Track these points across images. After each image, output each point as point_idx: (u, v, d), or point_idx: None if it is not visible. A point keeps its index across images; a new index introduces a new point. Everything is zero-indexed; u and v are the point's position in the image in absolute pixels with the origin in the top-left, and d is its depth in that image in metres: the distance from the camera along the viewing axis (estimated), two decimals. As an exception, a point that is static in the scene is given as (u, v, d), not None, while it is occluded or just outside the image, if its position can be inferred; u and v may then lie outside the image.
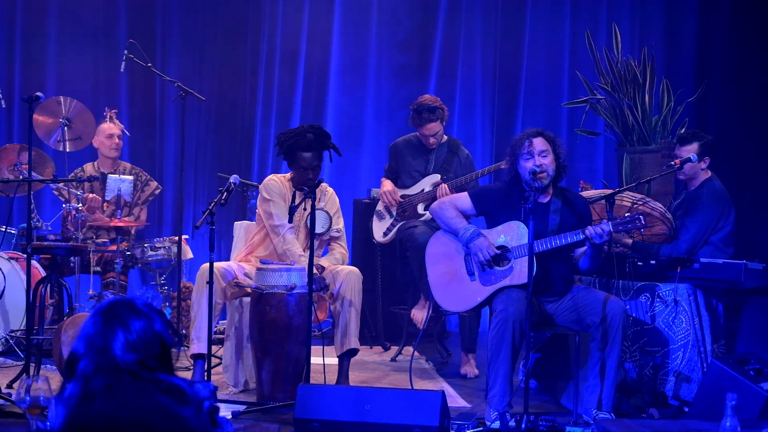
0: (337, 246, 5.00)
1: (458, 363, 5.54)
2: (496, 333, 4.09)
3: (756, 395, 3.91)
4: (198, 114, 7.36)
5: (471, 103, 7.67)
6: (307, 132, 4.78)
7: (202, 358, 4.68)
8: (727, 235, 4.92)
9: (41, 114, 5.40)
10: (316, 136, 4.77)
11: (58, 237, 5.38)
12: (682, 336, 4.53)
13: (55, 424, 2.18)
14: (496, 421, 4.02)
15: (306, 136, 4.75)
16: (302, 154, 4.74)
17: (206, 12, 7.49)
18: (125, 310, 2.29)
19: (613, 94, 6.27)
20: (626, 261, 4.70)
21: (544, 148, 4.27)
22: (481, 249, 4.27)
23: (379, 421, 3.78)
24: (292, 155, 4.78)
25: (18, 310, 5.54)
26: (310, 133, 4.77)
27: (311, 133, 4.77)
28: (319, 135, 4.79)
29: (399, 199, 5.71)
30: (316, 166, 4.78)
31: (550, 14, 7.63)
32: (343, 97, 7.61)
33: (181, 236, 5.70)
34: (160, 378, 2.24)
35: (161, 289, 6.02)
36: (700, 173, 4.99)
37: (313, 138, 4.76)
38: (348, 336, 4.74)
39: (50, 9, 7.33)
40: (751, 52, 6.60)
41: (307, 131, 4.78)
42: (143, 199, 6.10)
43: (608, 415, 4.15)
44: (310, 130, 4.80)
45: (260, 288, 4.52)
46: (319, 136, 4.79)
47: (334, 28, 7.56)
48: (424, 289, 5.12)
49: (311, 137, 4.75)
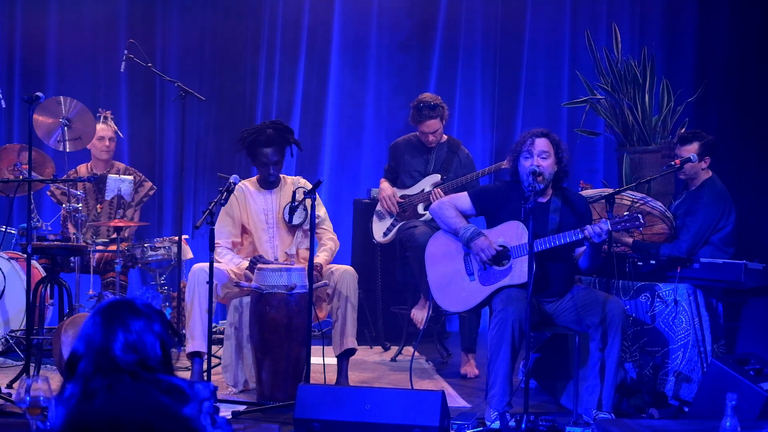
0: (324, 232, 5.01)
1: (458, 363, 5.54)
2: (495, 333, 4.10)
3: (756, 395, 3.92)
4: (198, 114, 7.36)
5: (471, 103, 7.66)
6: (268, 128, 4.84)
7: (199, 356, 4.69)
8: (727, 235, 4.92)
9: (41, 114, 5.40)
10: (276, 131, 4.83)
11: (58, 237, 5.38)
12: (682, 336, 4.53)
13: (55, 424, 2.18)
14: (496, 421, 4.03)
15: (266, 132, 4.81)
16: (262, 150, 4.81)
17: (206, 12, 7.48)
18: (125, 311, 2.29)
19: (613, 94, 6.27)
20: (626, 261, 4.70)
21: (546, 149, 4.26)
22: (482, 248, 4.27)
23: (379, 421, 3.78)
24: (253, 151, 4.85)
25: (18, 310, 5.54)
26: (271, 128, 4.84)
27: (271, 128, 4.84)
28: (280, 130, 4.85)
29: (399, 200, 5.71)
30: (277, 161, 4.86)
31: (550, 14, 7.62)
32: (343, 97, 7.60)
33: (181, 236, 5.70)
34: (160, 378, 2.24)
35: (161, 289, 6.01)
36: (700, 173, 4.99)
37: (273, 133, 4.81)
38: (345, 336, 4.75)
39: (50, 9, 7.32)
40: (751, 52, 6.59)
41: (267, 127, 4.86)
42: (137, 200, 6.09)
43: (608, 415, 4.15)
44: (271, 125, 4.88)
45: (260, 288, 4.52)
46: (280, 131, 4.85)
47: (334, 29, 7.55)
48: (424, 289, 5.12)
49: (271, 132, 4.81)
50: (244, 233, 4.96)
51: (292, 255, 4.86)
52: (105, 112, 6.11)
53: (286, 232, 4.92)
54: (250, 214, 4.93)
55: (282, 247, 4.91)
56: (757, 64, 6.54)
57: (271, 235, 4.93)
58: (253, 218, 4.93)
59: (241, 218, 4.92)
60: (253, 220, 4.93)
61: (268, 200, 4.95)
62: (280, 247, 4.91)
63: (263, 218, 4.93)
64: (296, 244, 4.92)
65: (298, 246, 4.93)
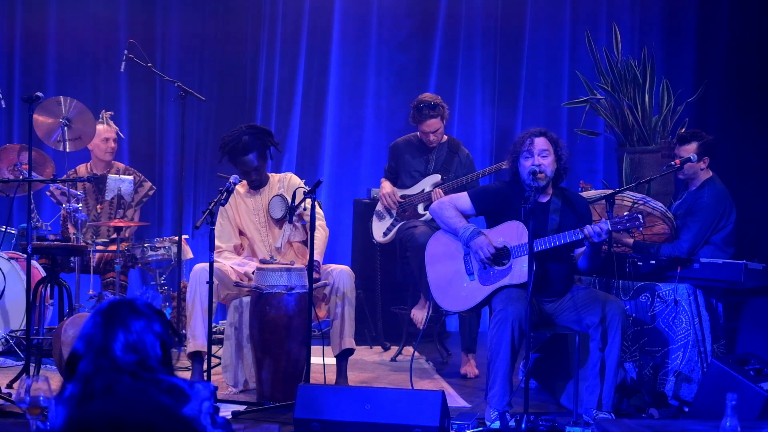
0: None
1: (458, 363, 5.54)
2: (495, 333, 4.10)
3: (756, 395, 3.92)
4: (198, 114, 7.36)
5: (471, 103, 7.66)
6: (244, 134, 4.86)
7: (200, 357, 4.69)
8: (728, 234, 4.93)
9: (41, 114, 5.39)
10: (253, 136, 4.87)
11: (58, 237, 5.38)
12: (682, 336, 4.53)
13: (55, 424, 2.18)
14: (496, 421, 4.03)
15: (242, 139, 4.84)
16: (242, 158, 4.88)
17: (206, 12, 7.48)
18: (125, 311, 2.29)
19: (613, 94, 6.27)
20: (626, 261, 4.70)
21: (545, 148, 4.27)
22: (481, 247, 4.28)
23: (379, 421, 3.79)
24: (233, 159, 4.90)
25: (18, 310, 5.54)
26: (247, 134, 4.87)
27: (248, 134, 4.87)
28: (257, 135, 4.89)
29: (399, 200, 5.71)
30: (258, 166, 4.91)
31: (550, 14, 7.62)
32: (343, 97, 7.60)
33: (181, 236, 5.70)
34: (160, 378, 2.23)
35: (161, 289, 6.01)
36: (700, 173, 4.99)
37: (249, 139, 4.85)
38: (343, 336, 4.76)
39: (50, 9, 7.32)
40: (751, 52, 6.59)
41: (244, 133, 4.88)
42: (137, 201, 6.09)
43: (608, 415, 4.15)
44: (248, 131, 4.90)
45: (260, 288, 4.52)
46: (257, 135, 4.88)
47: (334, 28, 7.55)
48: (424, 289, 5.12)
49: (247, 139, 4.85)
50: (241, 235, 5.00)
51: (279, 248, 4.88)
52: (106, 113, 6.11)
53: (275, 227, 4.95)
54: (243, 217, 4.98)
55: (273, 243, 4.93)
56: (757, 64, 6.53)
57: (263, 233, 4.97)
58: (246, 220, 4.97)
59: (236, 221, 4.96)
60: (246, 222, 4.98)
61: (257, 200, 5.01)
62: (272, 243, 4.93)
63: (255, 219, 4.99)
64: (283, 238, 4.94)
65: (289, 239, 4.94)
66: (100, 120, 6.01)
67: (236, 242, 4.99)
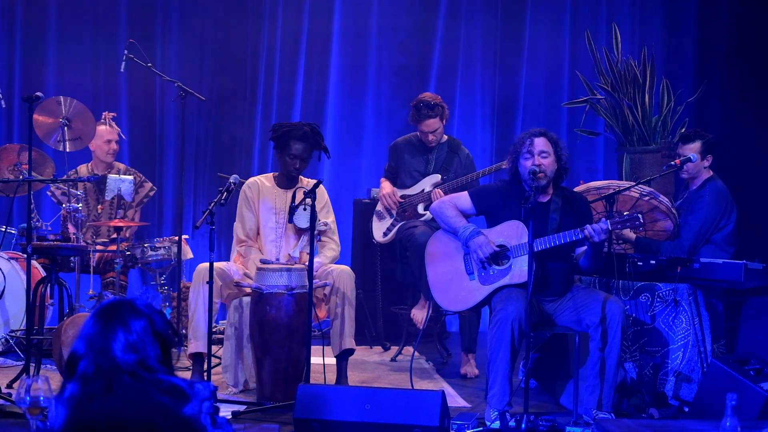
0: (329, 240, 4.99)
1: (458, 363, 5.54)
2: (495, 333, 4.10)
3: (756, 395, 3.92)
4: (198, 114, 7.36)
5: (471, 103, 7.67)
6: (305, 126, 4.88)
7: (201, 358, 4.69)
8: (728, 234, 4.93)
9: (41, 114, 5.39)
10: (312, 131, 4.87)
11: (58, 237, 5.38)
12: (682, 336, 4.53)
13: (55, 424, 2.18)
14: (496, 421, 4.03)
15: (302, 128, 4.85)
16: (294, 143, 4.82)
17: (206, 12, 7.49)
18: (125, 311, 2.29)
19: (613, 94, 6.27)
20: (626, 261, 4.70)
21: (545, 148, 4.27)
22: (481, 247, 4.28)
23: (379, 421, 3.78)
24: (284, 142, 4.84)
25: (18, 310, 5.54)
26: (308, 127, 4.87)
27: (308, 127, 4.88)
28: (315, 132, 4.89)
29: (399, 200, 5.71)
30: (305, 158, 4.87)
31: (550, 14, 7.63)
32: (343, 97, 7.61)
33: (181, 236, 5.70)
34: (160, 378, 2.23)
35: (161, 289, 6.01)
36: (702, 172, 5.00)
37: (308, 131, 4.84)
38: (343, 336, 4.75)
39: (50, 9, 7.32)
40: (751, 52, 6.60)
41: (304, 125, 4.89)
42: (138, 201, 6.09)
43: (608, 415, 4.15)
44: (308, 125, 4.90)
45: (260, 288, 4.52)
46: (315, 132, 4.89)
47: (334, 28, 7.55)
48: (424, 289, 5.12)
49: (307, 130, 4.85)
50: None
51: (295, 257, 4.83)
52: (108, 114, 6.10)
53: (294, 234, 4.90)
54: (261, 211, 4.92)
55: (286, 248, 4.89)
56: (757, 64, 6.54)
57: (278, 234, 4.91)
58: (263, 215, 4.92)
59: (257, 215, 4.92)
60: (264, 219, 4.92)
61: (282, 199, 4.91)
62: (285, 248, 4.89)
63: (273, 217, 4.91)
64: (301, 248, 4.89)
65: (302, 250, 4.89)
66: (102, 121, 6.01)
67: (251, 232, 4.90)
